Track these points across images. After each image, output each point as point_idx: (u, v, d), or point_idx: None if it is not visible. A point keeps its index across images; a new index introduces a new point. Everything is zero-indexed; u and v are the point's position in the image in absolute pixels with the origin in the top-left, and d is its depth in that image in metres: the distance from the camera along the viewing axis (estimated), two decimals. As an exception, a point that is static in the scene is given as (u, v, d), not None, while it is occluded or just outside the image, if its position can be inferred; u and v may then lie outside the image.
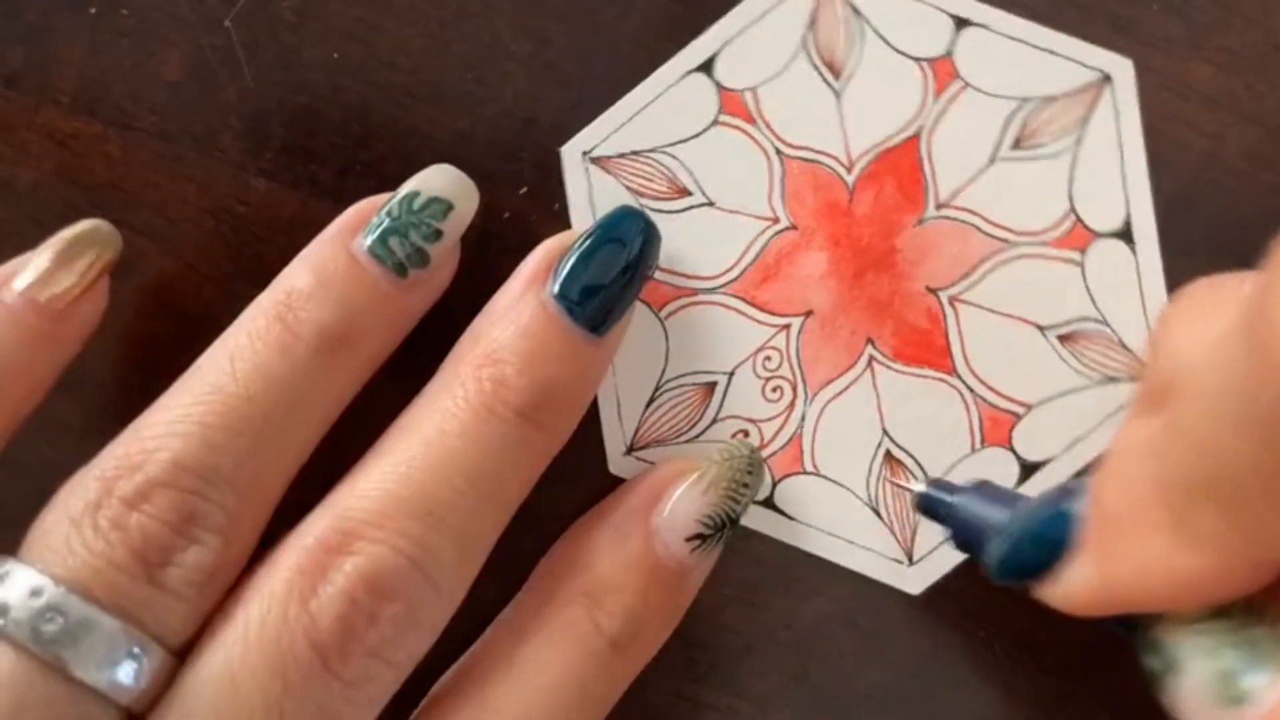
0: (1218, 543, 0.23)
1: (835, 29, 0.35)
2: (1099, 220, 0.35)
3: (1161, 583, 0.24)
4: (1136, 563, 0.24)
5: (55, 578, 0.28)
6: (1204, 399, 0.22)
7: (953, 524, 0.32)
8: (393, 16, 0.35)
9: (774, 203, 0.35)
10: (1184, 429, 0.23)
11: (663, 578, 0.33)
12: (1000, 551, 0.29)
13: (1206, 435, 0.22)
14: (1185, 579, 0.23)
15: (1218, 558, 0.23)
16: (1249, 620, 0.24)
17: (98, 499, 0.29)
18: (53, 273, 0.32)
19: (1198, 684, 0.24)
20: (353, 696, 0.29)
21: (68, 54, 0.35)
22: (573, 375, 0.32)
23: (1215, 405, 0.22)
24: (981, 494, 0.31)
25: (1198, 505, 0.23)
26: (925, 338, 0.35)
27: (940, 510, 0.32)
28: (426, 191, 0.33)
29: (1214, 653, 0.24)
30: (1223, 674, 0.23)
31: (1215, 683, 0.23)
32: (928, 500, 0.33)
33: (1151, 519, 0.24)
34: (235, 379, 0.31)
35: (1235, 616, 0.24)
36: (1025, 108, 0.35)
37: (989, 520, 0.30)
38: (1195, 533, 0.23)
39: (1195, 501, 0.23)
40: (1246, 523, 0.22)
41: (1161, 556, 0.24)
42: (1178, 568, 0.23)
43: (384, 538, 0.29)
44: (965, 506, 0.31)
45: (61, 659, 0.28)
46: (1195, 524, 0.23)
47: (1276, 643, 0.23)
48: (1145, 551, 0.24)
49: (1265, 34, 0.35)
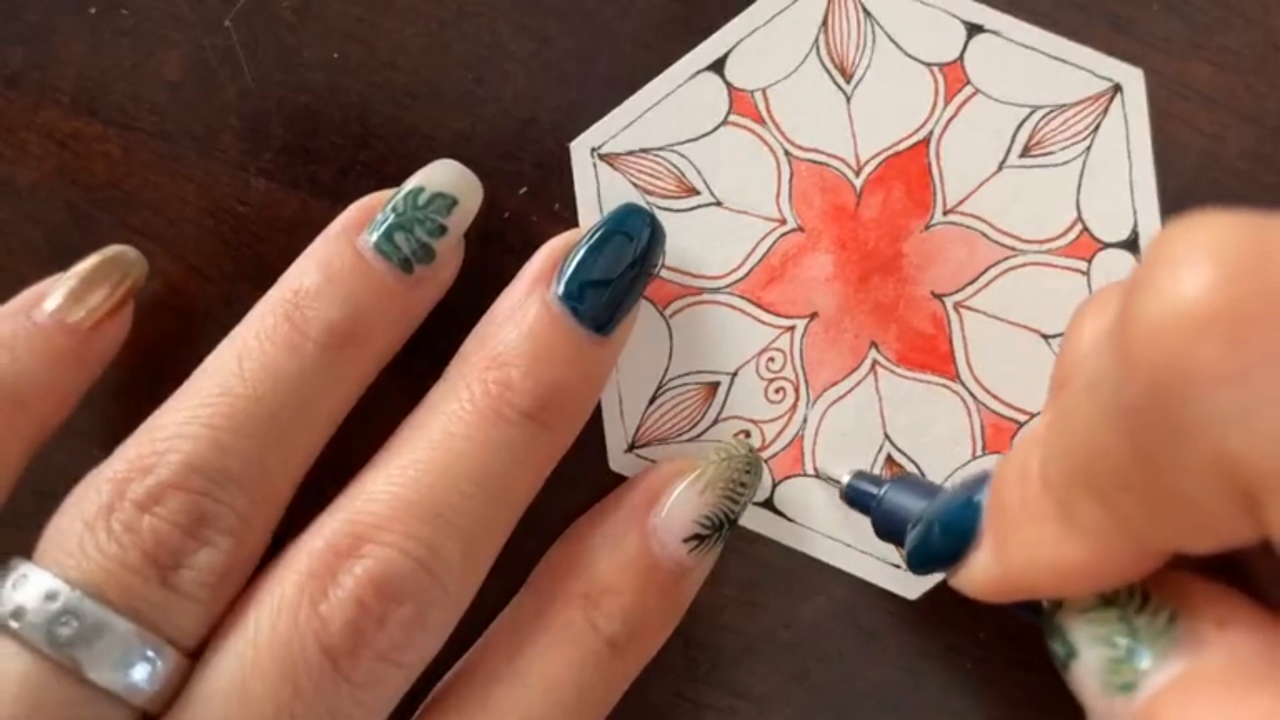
0: (1098, 532, 0.23)
1: (847, 32, 0.35)
2: (1106, 230, 0.35)
3: (1049, 571, 0.24)
4: (1028, 551, 0.25)
5: (70, 581, 0.29)
6: (1081, 391, 0.23)
7: (877, 515, 0.32)
8: (393, 16, 0.35)
9: (781, 204, 0.35)
10: (1065, 420, 0.24)
11: (660, 578, 0.33)
12: (913, 540, 0.30)
13: (1082, 427, 0.23)
14: (1071, 568, 0.24)
15: (1099, 547, 0.23)
16: (1136, 608, 0.24)
17: (110, 502, 0.29)
18: (81, 295, 0.33)
19: (1091, 672, 0.24)
20: (363, 699, 0.29)
21: (68, 54, 0.35)
22: (578, 376, 0.32)
23: (1090, 398, 0.22)
24: (905, 485, 0.32)
25: (1078, 495, 0.23)
26: (929, 343, 0.35)
27: (866, 502, 0.33)
28: (431, 187, 0.33)
29: (1104, 640, 0.24)
30: (1112, 661, 0.24)
31: (1105, 670, 0.24)
32: (853, 491, 0.34)
33: (1041, 508, 0.24)
34: (243, 379, 0.31)
35: (1123, 604, 0.24)
36: (1035, 115, 0.35)
37: (910, 511, 0.31)
38: (1078, 522, 0.23)
39: (1075, 491, 0.23)
40: (1121, 514, 0.22)
41: (1049, 545, 0.24)
42: (1064, 557, 0.24)
43: (393, 541, 0.29)
44: (888, 498, 0.32)
45: (76, 661, 0.28)
46: (1077, 514, 0.23)
47: (1157, 632, 0.24)
48: (1035, 540, 0.24)
49: (1265, 34, 0.35)
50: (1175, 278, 0.19)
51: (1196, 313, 0.19)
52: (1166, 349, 0.19)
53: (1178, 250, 0.20)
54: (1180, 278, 0.19)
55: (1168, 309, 0.19)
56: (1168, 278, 0.20)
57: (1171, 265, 0.20)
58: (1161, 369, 0.19)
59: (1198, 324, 0.19)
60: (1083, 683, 0.25)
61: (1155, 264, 0.20)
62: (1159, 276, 0.20)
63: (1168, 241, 0.20)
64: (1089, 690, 0.25)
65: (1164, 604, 0.24)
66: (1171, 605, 0.24)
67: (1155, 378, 0.20)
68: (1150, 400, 0.20)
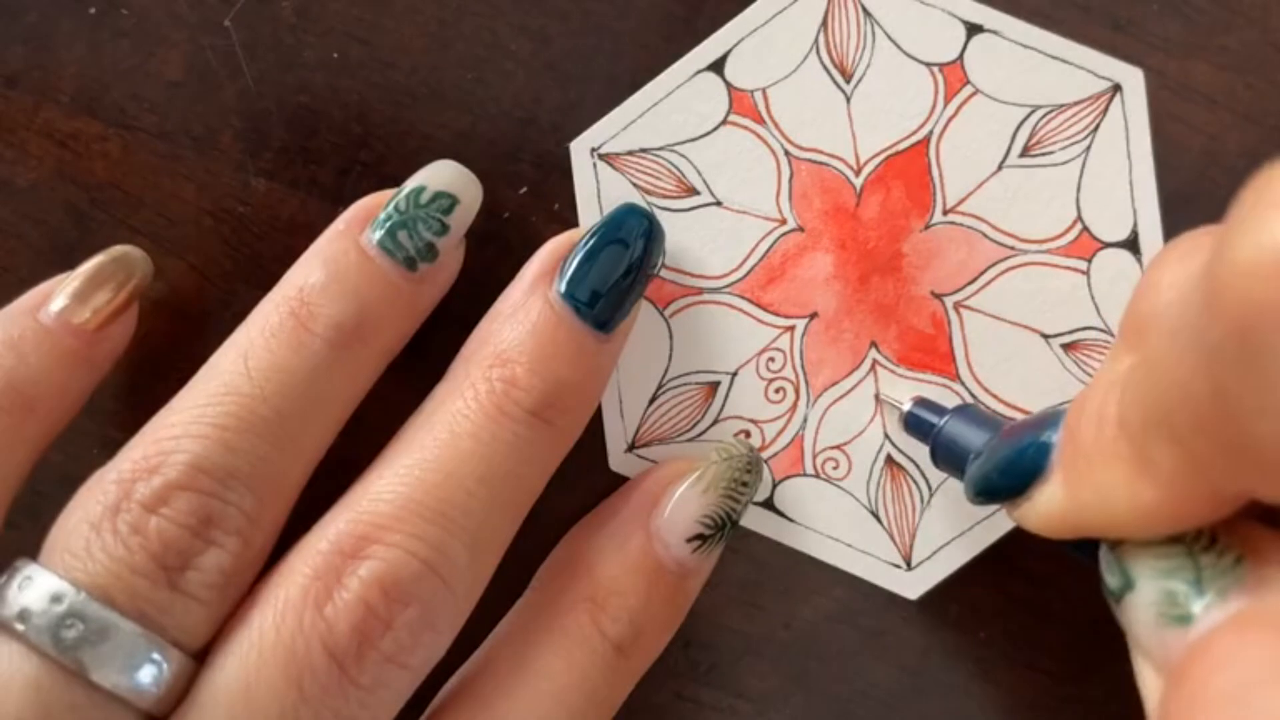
0: (1173, 476, 0.23)
1: (847, 32, 0.35)
2: (1106, 230, 0.35)
3: (1122, 511, 0.24)
4: (1100, 491, 0.25)
5: (76, 583, 0.28)
6: (1166, 336, 0.23)
7: (936, 443, 0.33)
8: (393, 16, 0.35)
9: (781, 204, 0.35)
10: (1147, 364, 0.24)
11: (664, 579, 0.33)
12: (978, 473, 0.30)
13: (1164, 371, 0.23)
14: (1143, 509, 0.24)
15: (1172, 490, 0.23)
16: (1201, 549, 0.24)
17: (116, 502, 0.29)
18: (87, 296, 0.33)
19: (1147, 603, 0.24)
20: (369, 701, 0.29)
21: (68, 54, 0.35)
22: (582, 373, 0.32)
23: (1175, 342, 0.22)
24: (965, 416, 0.32)
25: (1154, 438, 0.23)
26: (929, 343, 0.35)
27: (925, 429, 0.33)
28: (432, 186, 0.33)
29: (1165, 575, 0.24)
30: (1170, 595, 0.24)
31: (1162, 602, 0.24)
32: (914, 419, 0.34)
33: (1115, 449, 0.24)
34: (250, 378, 0.31)
35: (1189, 543, 0.24)
36: (1035, 115, 0.35)
37: (970, 442, 0.31)
38: (1153, 465, 0.23)
39: (1152, 434, 0.23)
40: (1197, 457, 0.22)
41: (1122, 486, 0.24)
42: (1137, 498, 0.24)
43: (398, 541, 0.29)
44: (950, 427, 0.32)
45: (82, 664, 0.28)
46: (1152, 456, 0.23)
47: (1221, 571, 0.24)
48: (1108, 480, 0.25)
49: (1265, 34, 0.35)
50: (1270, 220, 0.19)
51: None
52: (1256, 290, 0.19)
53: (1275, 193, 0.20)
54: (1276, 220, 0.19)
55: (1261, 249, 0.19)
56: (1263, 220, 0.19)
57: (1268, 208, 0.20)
58: (1250, 309, 0.19)
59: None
60: (1135, 614, 0.25)
61: (1252, 206, 0.20)
62: (1255, 218, 0.20)
63: (1266, 184, 0.20)
64: (1141, 621, 0.24)
65: (1231, 547, 0.24)
66: (1239, 549, 0.24)
67: (1243, 317, 0.19)
68: (1236, 341, 0.20)
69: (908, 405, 0.34)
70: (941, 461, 0.33)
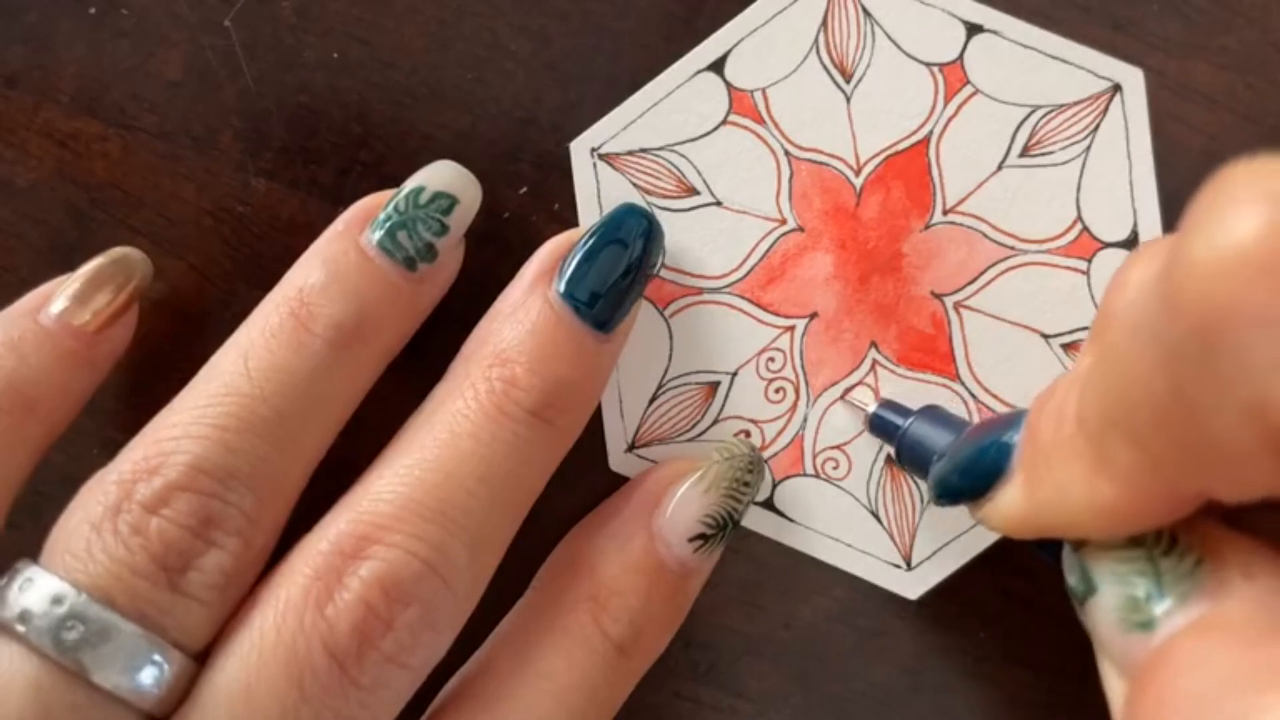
0: (1130, 474, 0.23)
1: (847, 32, 0.35)
2: (1106, 230, 0.35)
3: (1080, 510, 0.24)
4: (1058, 489, 0.25)
5: (77, 585, 0.28)
6: (1126, 333, 0.23)
7: (901, 444, 0.33)
8: (393, 16, 0.35)
9: (781, 204, 0.35)
10: (1106, 362, 0.24)
11: (665, 579, 0.33)
12: (940, 474, 0.30)
13: (1124, 368, 0.23)
14: (1101, 507, 0.24)
15: (1130, 488, 0.23)
16: (1161, 552, 0.24)
17: (117, 504, 0.29)
18: (87, 298, 0.33)
19: (1109, 608, 0.24)
20: (369, 702, 0.29)
21: (68, 54, 0.35)
22: (582, 373, 0.32)
23: (1134, 339, 0.22)
24: (931, 417, 0.33)
25: (1113, 436, 0.23)
26: (929, 343, 0.35)
27: (890, 430, 0.34)
28: (432, 186, 0.33)
29: (1126, 579, 0.24)
30: (1131, 600, 0.24)
31: (1124, 608, 0.24)
32: (879, 420, 0.34)
33: (1074, 447, 0.24)
34: (250, 378, 0.31)
35: (1149, 546, 0.24)
36: (1035, 115, 0.35)
37: (935, 443, 0.32)
38: (1111, 463, 0.23)
39: (1111, 432, 0.23)
40: (1155, 455, 0.22)
41: (1080, 484, 0.24)
42: (1094, 495, 0.24)
43: (398, 541, 0.29)
44: (914, 428, 0.33)
45: (83, 665, 0.28)
46: (1111, 455, 0.23)
47: (1182, 575, 0.24)
48: (1066, 478, 0.25)
49: (1265, 34, 0.35)
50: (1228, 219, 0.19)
51: (1246, 254, 0.19)
52: (1214, 288, 0.19)
53: (1233, 192, 0.20)
54: (1233, 219, 0.19)
55: (1218, 249, 0.19)
56: (1220, 218, 0.19)
57: (1224, 206, 0.20)
58: (1208, 308, 0.19)
59: (1247, 265, 0.19)
60: (1098, 618, 0.25)
61: (1209, 205, 0.20)
62: (1212, 217, 0.20)
63: (1223, 184, 0.20)
64: (1104, 626, 0.25)
65: (1190, 549, 0.24)
66: (1198, 551, 0.24)
67: (1201, 317, 0.19)
68: (1194, 340, 0.20)
69: (872, 407, 0.35)
70: (906, 463, 0.33)
